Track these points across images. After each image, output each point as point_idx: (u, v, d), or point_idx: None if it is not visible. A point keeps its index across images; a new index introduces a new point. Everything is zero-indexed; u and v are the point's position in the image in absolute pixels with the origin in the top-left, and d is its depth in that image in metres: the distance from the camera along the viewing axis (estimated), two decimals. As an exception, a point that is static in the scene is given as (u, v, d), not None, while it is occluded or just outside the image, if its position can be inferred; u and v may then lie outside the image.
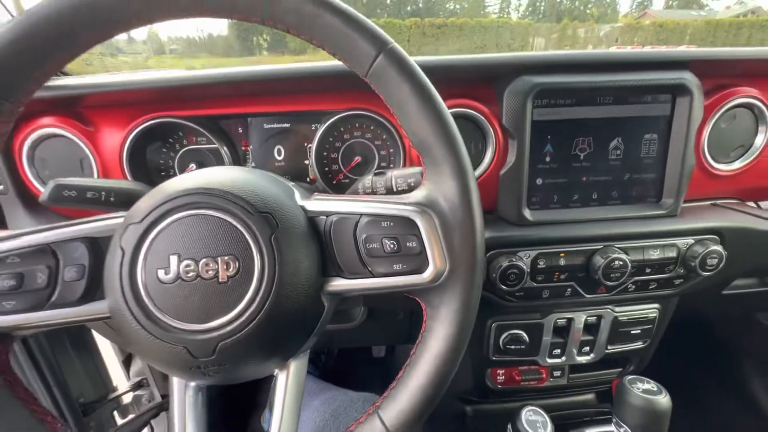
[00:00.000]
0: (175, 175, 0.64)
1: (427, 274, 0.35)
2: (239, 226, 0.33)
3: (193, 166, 0.63)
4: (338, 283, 0.37)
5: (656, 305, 0.71)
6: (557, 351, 0.72)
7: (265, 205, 0.34)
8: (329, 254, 0.37)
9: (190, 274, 0.32)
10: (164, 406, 1.03)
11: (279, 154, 0.66)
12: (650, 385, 0.59)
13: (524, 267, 0.58)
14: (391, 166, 0.63)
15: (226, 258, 0.32)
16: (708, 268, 0.60)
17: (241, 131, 0.64)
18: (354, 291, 0.37)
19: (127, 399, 1.11)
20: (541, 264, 0.59)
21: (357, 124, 0.62)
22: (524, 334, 0.69)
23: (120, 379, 1.12)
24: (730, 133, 0.61)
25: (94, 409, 0.99)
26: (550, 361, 0.72)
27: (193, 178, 0.36)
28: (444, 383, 0.35)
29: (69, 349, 0.95)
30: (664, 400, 0.58)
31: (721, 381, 1.35)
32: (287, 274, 0.33)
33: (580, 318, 0.69)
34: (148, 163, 0.63)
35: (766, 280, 0.85)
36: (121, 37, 0.37)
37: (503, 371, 0.77)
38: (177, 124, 0.59)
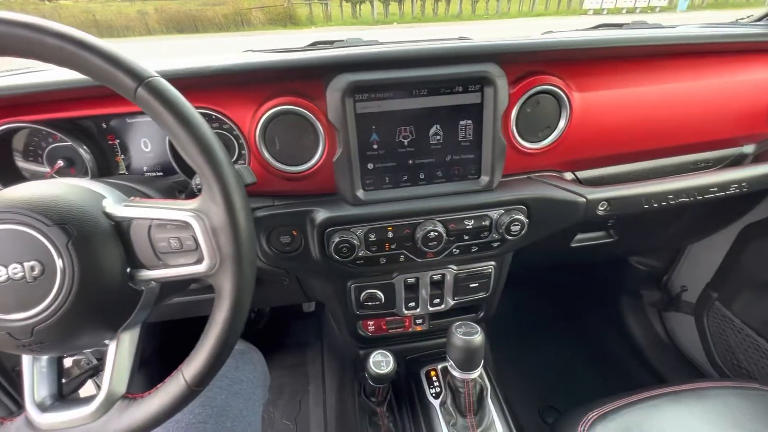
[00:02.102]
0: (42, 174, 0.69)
1: (204, 266, 0.45)
2: (40, 237, 0.41)
3: (60, 162, 0.69)
4: (143, 274, 0.47)
5: (492, 263, 0.84)
6: (412, 304, 0.85)
7: (61, 217, 0.42)
8: (132, 251, 0.46)
9: (3, 277, 0.41)
10: (99, 367, 1.16)
11: (146, 147, 0.71)
12: (470, 328, 0.73)
13: (356, 241, 0.68)
14: (241, 161, 0.70)
15: (31, 263, 0.41)
16: (513, 233, 0.72)
17: (104, 126, 0.69)
18: (156, 279, 0.47)
19: (68, 363, 1.23)
20: (372, 237, 0.70)
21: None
22: (379, 293, 0.82)
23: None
24: (536, 116, 0.70)
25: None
26: (407, 312, 0.86)
27: (2, 197, 0.43)
28: (227, 344, 0.47)
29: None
30: (477, 339, 0.72)
31: (603, 312, 1.56)
32: (88, 272, 0.42)
33: (426, 277, 0.82)
34: (20, 163, 0.68)
35: (601, 234, 1.00)
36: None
37: (373, 322, 0.91)
38: (32, 129, 0.63)
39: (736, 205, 1.02)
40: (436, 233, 0.69)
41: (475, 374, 0.75)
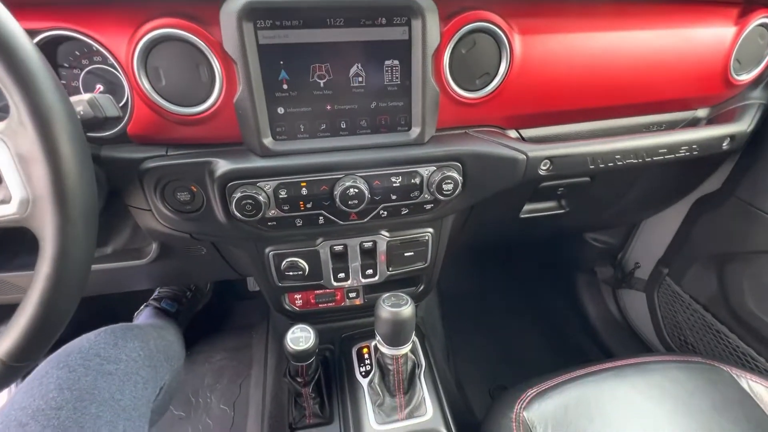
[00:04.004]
0: None
1: (13, 206, 0.35)
2: None
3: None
4: None
5: (430, 230, 0.76)
6: (342, 275, 0.77)
7: None
8: None
9: None
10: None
11: None
12: (399, 300, 0.66)
13: (262, 197, 0.59)
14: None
15: None
16: (445, 193, 0.64)
17: None
18: None
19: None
20: (283, 194, 0.61)
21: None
22: (302, 261, 0.73)
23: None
24: (473, 59, 0.62)
25: None
26: (336, 284, 0.78)
27: None
28: (54, 307, 0.37)
29: None
30: (406, 311, 0.65)
31: (559, 290, 1.54)
32: None
33: (355, 244, 0.74)
34: None
35: (552, 205, 0.94)
36: None
37: (300, 296, 0.82)
38: None
39: (687, 177, 0.99)
40: (357, 190, 0.60)
41: (405, 350, 0.68)
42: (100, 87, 0.58)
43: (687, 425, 0.68)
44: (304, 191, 0.61)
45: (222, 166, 0.58)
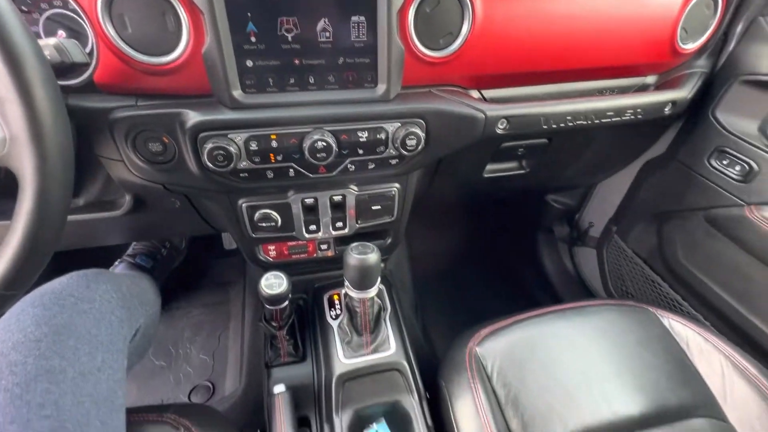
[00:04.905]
0: None
1: None
2: None
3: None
4: None
5: (396, 185, 0.81)
6: (313, 227, 0.82)
7: None
8: None
9: None
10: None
11: None
12: (366, 248, 0.71)
13: (233, 149, 0.62)
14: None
15: None
16: (409, 148, 0.69)
17: None
18: None
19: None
20: (254, 146, 0.63)
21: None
22: (275, 213, 0.77)
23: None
24: (437, 19, 0.64)
25: None
26: (308, 236, 0.82)
27: None
28: (37, 239, 0.40)
29: None
30: (372, 257, 0.70)
31: (521, 248, 1.64)
32: None
33: (325, 198, 0.78)
34: None
35: (513, 165, 1.00)
36: None
37: (274, 247, 0.87)
38: None
39: (636, 141, 1.07)
40: (325, 144, 0.64)
41: (371, 294, 0.75)
42: (62, 33, 0.57)
43: (616, 357, 0.79)
44: (274, 144, 0.64)
45: (192, 117, 0.60)
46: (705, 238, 0.94)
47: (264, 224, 0.77)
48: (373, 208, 0.81)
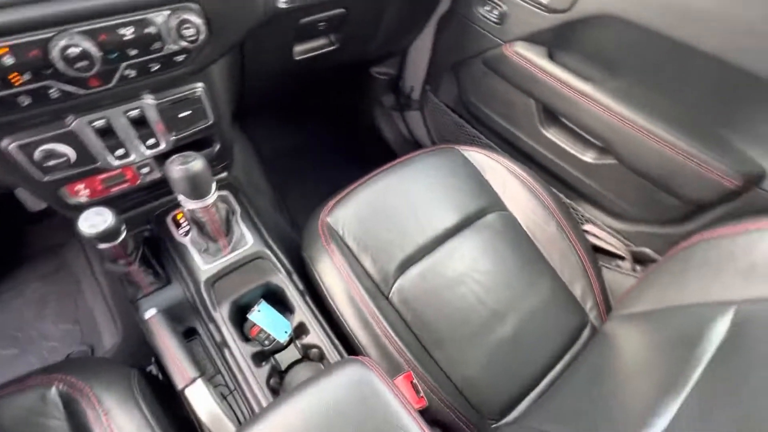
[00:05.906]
0: None
1: None
2: None
3: None
4: None
5: (199, 84, 0.76)
6: (121, 151, 0.74)
7: None
8: None
9: None
10: None
11: None
12: (187, 157, 0.69)
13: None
14: None
15: None
16: (190, 39, 0.63)
17: None
18: None
19: None
20: (-18, 67, 0.51)
21: None
22: (61, 146, 0.67)
23: None
24: None
25: None
26: (117, 162, 0.75)
27: None
28: None
29: None
30: (196, 164, 0.69)
31: (364, 124, 1.76)
32: None
33: (118, 114, 0.70)
34: None
35: (323, 42, 1.01)
36: None
37: (82, 185, 0.77)
38: None
39: (424, 0, 1.16)
40: (80, 50, 0.54)
41: (210, 200, 0.76)
42: None
43: (433, 190, 0.99)
44: (9, 59, 0.52)
45: None
46: (483, 77, 1.15)
47: (52, 162, 0.67)
48: (181, 115, 0.76)
